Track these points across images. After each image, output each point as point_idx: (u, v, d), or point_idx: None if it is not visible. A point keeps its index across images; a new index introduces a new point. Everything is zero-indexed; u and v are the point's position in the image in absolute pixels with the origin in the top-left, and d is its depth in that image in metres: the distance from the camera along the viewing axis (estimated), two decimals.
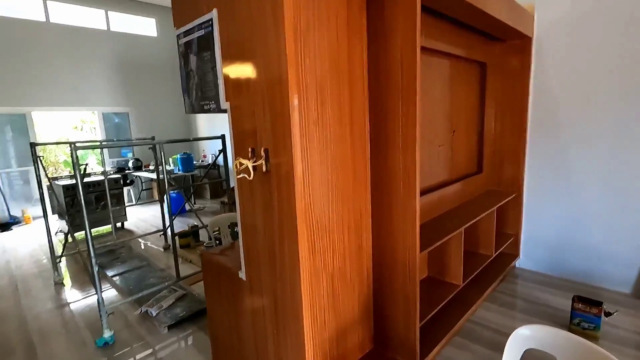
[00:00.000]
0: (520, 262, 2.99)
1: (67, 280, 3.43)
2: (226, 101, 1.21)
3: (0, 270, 3.79)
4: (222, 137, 2.93)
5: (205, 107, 1.33)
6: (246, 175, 1.13)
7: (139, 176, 6.74)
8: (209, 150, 7.19)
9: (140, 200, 6.96)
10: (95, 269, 2.29)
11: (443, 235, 1.96)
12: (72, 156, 2.10)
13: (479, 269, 2.41)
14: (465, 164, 2.74)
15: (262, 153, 1.11)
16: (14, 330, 2.59)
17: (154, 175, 6.15)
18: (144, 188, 7.10)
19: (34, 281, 3.48)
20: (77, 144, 2.14)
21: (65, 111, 6.33)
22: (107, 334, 2.34)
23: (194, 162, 6.25)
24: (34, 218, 5.96)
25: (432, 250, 1.93)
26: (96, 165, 9.03)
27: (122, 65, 6.70)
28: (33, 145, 3.10)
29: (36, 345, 2.39)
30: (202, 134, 7.39)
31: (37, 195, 6.41)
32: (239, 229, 1.31)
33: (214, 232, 2.74)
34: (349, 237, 1.59)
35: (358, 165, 1.58)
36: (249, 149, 1.16)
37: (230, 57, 1.17)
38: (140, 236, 4.74)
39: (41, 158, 3.17)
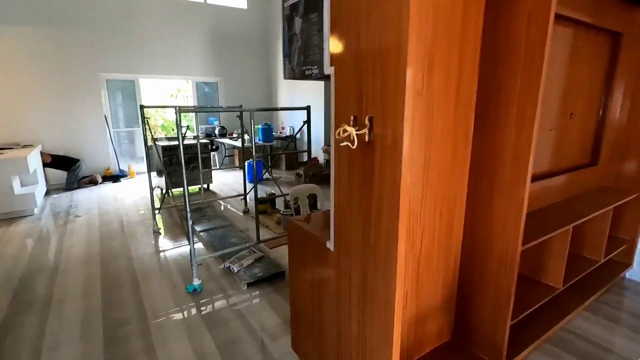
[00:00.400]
0: (632, 273, 2.57)
1: (163, 230, 3.87)
2: (331, 65, 1.17)
3: (112, 215, 4.42)
4: (307, 108, 2.94)
5: (307, 72, 1.30)
6: (349, 144, 1.09)
7: (223, 143, 7.23)
8: (287, 123, 7.39)
9: (222, 166, 7.50)
10: (190, 223, 2.52)
11: (546, 231, 1.74)
12: (176, 119, 2.28)
13: (583, 274, 2.12)
14: (577, 153, 2.37)
15: (367, 122, 1.05)
16: (123, 266, 3.02)
17: (236, 143, 6.55)
18: (226, 154, 7.61)
19: (137, 227, 3.99)
20: (182, 108, 2.31)
21: (166, 79, 6.98)
22: (196, 282, 2.59)
23: (273, 133, 6.48)
24: (137, 173, 6.80)
25: (529, 246, 1.73)
26: (187, 131, 9.94)
27: (215, 37, 7.09)
28: (142, 108, 3.46)
29: (139, 282, 2.76)
30: (281, 106, 7.60)
31: (140, 154, 7.29)
32: (331, 198, 1.29)
33: (293, 201, 2.82)
34: (440, 219, 1.48)
35: (459, 142, 1.44)
36: (351, 117, 1.12)
37: (341, 18, 1.12)
38: (224, 198, 5.12)
39: (148, 120, 3.53)
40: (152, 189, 3.80)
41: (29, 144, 5.48)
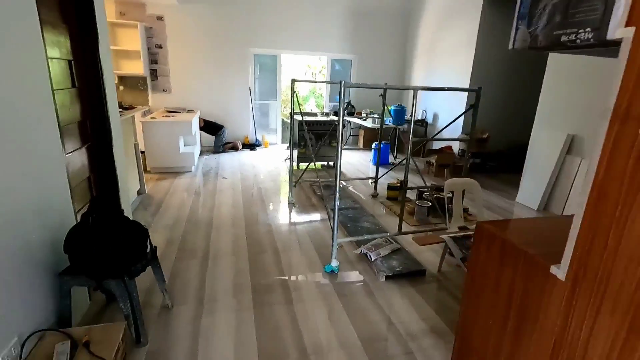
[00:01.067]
0: None
1: (296, 203, 3.99)
2: (627, 26, 0.81)
3: (251, 182, 4.78)
4: (478, 90, 2.52)
5: (565, 38, 0.96)
6: None
7: (349, 121, 7.18)
8: (420, 105, 6.88)
9: (346, 145, 7.48)
10: (337, 204, 2.44)
11: None
12: (340, 92, 2.17)
13: None
14: None
15: None
16: (264, 233, 3.19)
17: (364, 123, 6.40)
18: (351, 134, 7.56)
19: (273, 196, 4.22)
20: (346, 83, 2.19)
21: (304, 55, 7.19)
22: (334, 263, 2.54)
23: (405, 116, 6.09)
24: (270, 144, 7.30)
25: None
26: (314, 108, 10.21)
27: (354, 13, 6.93)
28: (294, 82, 3.52)
29: (280, 251, 2.86)
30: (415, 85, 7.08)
31: (273, 125, 7.78)
32: (579, 205, 0.95)
33: (448, 195, 2.49)
34: None
35: None
36: None
37: None
38: (355, 179, 5.05)
39: (296, 93, 3.59)
40: (292, 162, 3.91)
41: (191, 109, 6.33)
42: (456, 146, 5.88)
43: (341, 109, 2.18)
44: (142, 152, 4.84)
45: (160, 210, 3.63)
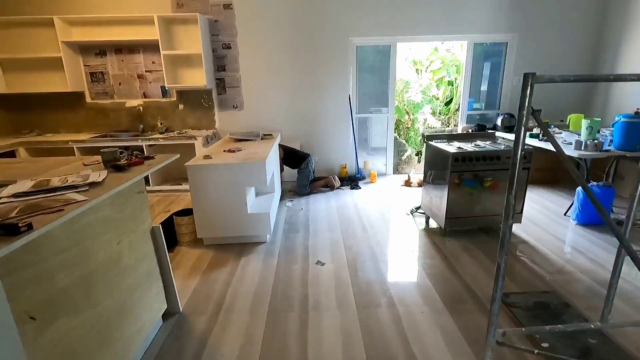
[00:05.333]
0: None
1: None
2: None
3: (370, 271, 2.57)
4: None
5: None
6: None
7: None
8: None
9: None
10: None
11: None
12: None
13: None
14: None
15: None
16: None
17: (545, 145, 3.78)
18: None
19: (417, 318, 1.95)
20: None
21: (430, 41, 4.83)
22: None
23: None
24: (378, 175, 5.08)
25: None
26: (431, 118, 7.45)
27: None
28: (533, 78, 1.21)
29: None
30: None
31: (376, 144, 5.56)
32: None
33: None
34: None
35: None
36: None
37: None
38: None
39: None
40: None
41: (268, 133, 4.43)
42: None
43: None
44: (187, 213, 3.01)
45: None
